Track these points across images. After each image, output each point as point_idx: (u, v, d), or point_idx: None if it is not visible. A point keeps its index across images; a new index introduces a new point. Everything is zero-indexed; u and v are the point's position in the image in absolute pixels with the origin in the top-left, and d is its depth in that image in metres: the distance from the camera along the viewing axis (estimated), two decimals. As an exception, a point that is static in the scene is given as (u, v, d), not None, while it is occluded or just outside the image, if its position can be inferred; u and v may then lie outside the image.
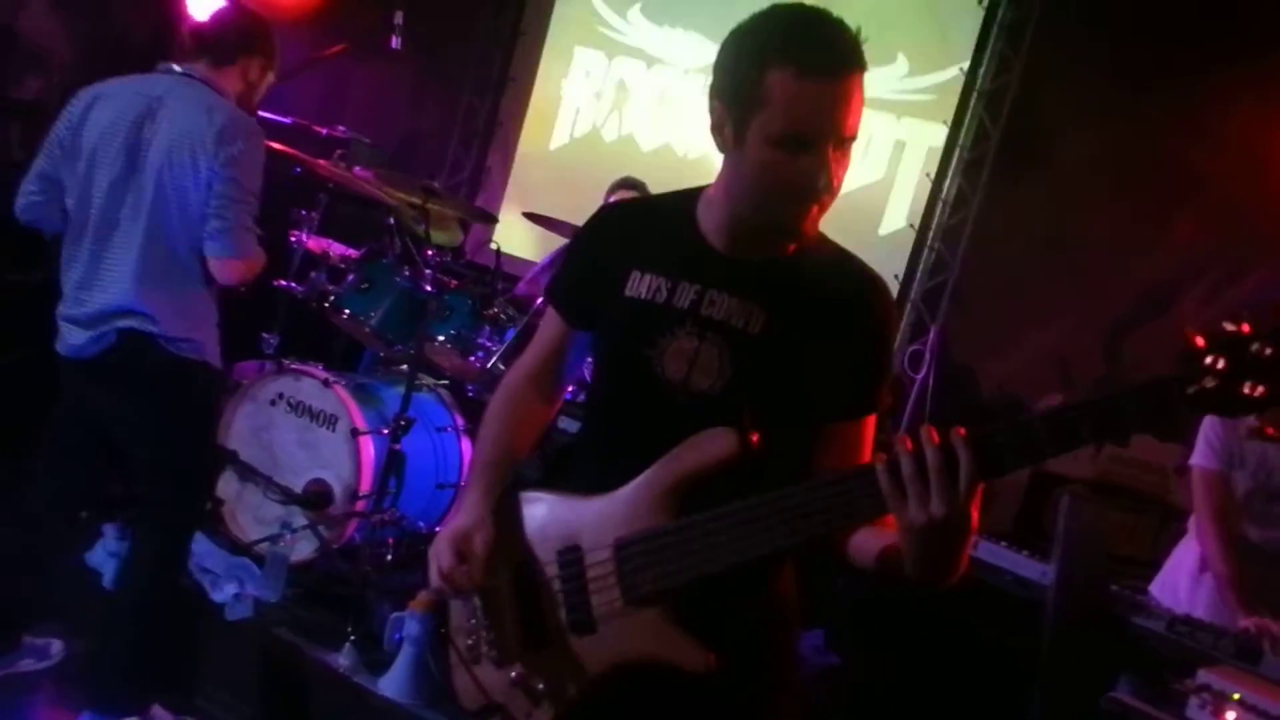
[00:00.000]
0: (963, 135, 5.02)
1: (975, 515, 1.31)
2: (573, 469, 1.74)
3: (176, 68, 2.77)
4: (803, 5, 1.49)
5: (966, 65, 5.03)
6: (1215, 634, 2.81)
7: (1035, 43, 4.87)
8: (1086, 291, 4.73)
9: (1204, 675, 2.33)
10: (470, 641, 1.64)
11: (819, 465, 1.57)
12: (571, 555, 1.56)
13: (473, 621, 1.64)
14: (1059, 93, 4.82)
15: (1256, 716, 2.24)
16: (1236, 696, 2.26)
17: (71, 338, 2.73)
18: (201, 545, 3.32)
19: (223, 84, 2.77)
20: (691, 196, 1.66)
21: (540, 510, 1.63)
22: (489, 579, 1.60)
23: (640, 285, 1.62)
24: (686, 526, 1.48)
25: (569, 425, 3.75)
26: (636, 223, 1.73)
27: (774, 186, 1.49)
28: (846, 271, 1.61)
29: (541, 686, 1.56)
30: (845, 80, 1.45)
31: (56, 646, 2.99)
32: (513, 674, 1.58)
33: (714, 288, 1.58)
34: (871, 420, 1.62)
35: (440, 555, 1.60)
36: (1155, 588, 3.24)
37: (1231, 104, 4.30)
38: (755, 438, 1.47)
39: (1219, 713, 2.26)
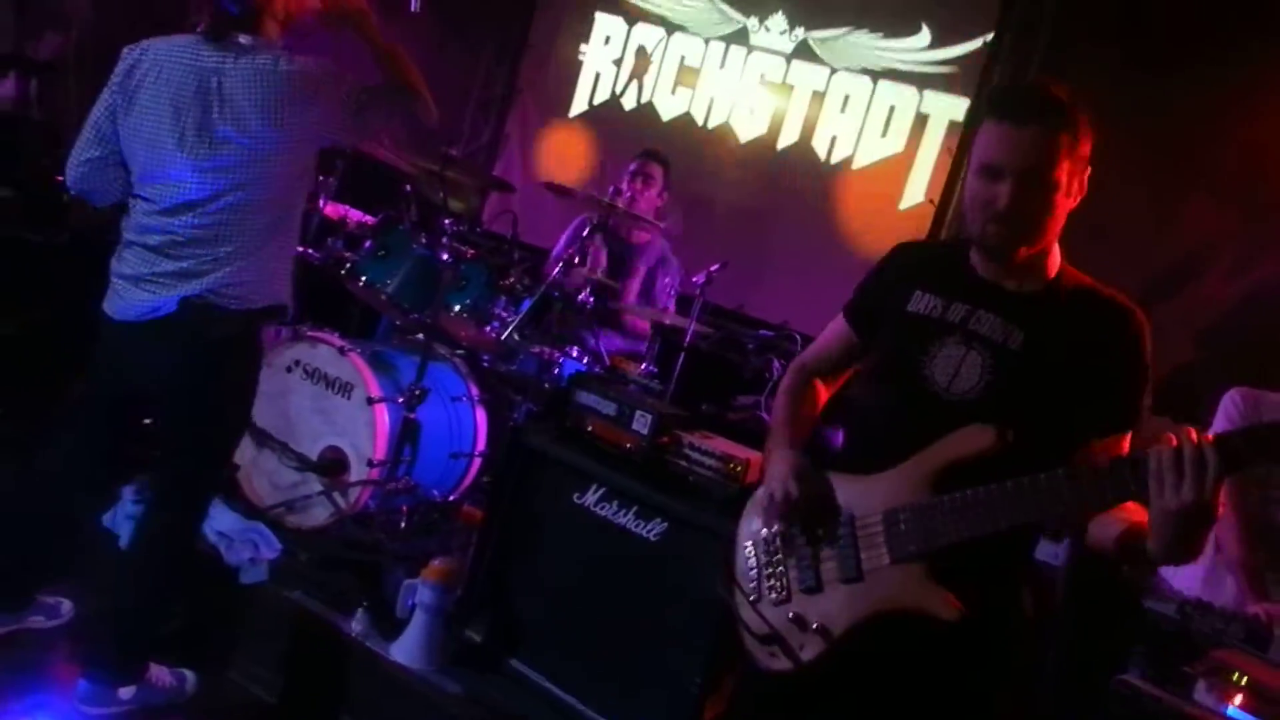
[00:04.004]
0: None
1: (1218, 505, 1.55)
2: (839, 457, 2.05)
3: (220, 38, 2.62)
4: None
5: (990, 38, 4.96)
6: (1225, 618, 2.81)
7: (1059, 16, 4.80)
8: (1105, 271, 4.68)
9: (1213, 659, 2.33)
10: (753, 584, 2.00)
11: None
12: (846, 520, 1.90)
13: (755, 568, 2.01)
14: (1081, 68, 4.73)
15: (1263, 701, 2.24)
16: (1244, 680, 2.26)
17: (126, 297, 2.62)
18: (216, 509, 3.34)
19: (267, 37, 2.65)
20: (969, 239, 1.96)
21: (821, 484, 1.97)
22: (790, 524, 1.96)
23: (920, 303, 1.95)
24: (947, 500, 1.77)
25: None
26: (923, 255, 2.10)
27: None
28: (1099, 301, 1.87)
29: (815, 625, 1.88)
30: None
31: (66, 606, 2.99)
32: (790, 613, 1.92)
33: (982, 308, 1.89)
34: (1128, 437, 1.86)
35: (789, 486, 1.94)
36: (1164, 569, 3.23)
37: (1250, 86, 4.24)
38: (1010, 436, 1.75)
39: (1227, 696, 2.26)
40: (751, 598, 2.00)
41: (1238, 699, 2.25)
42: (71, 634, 2.94)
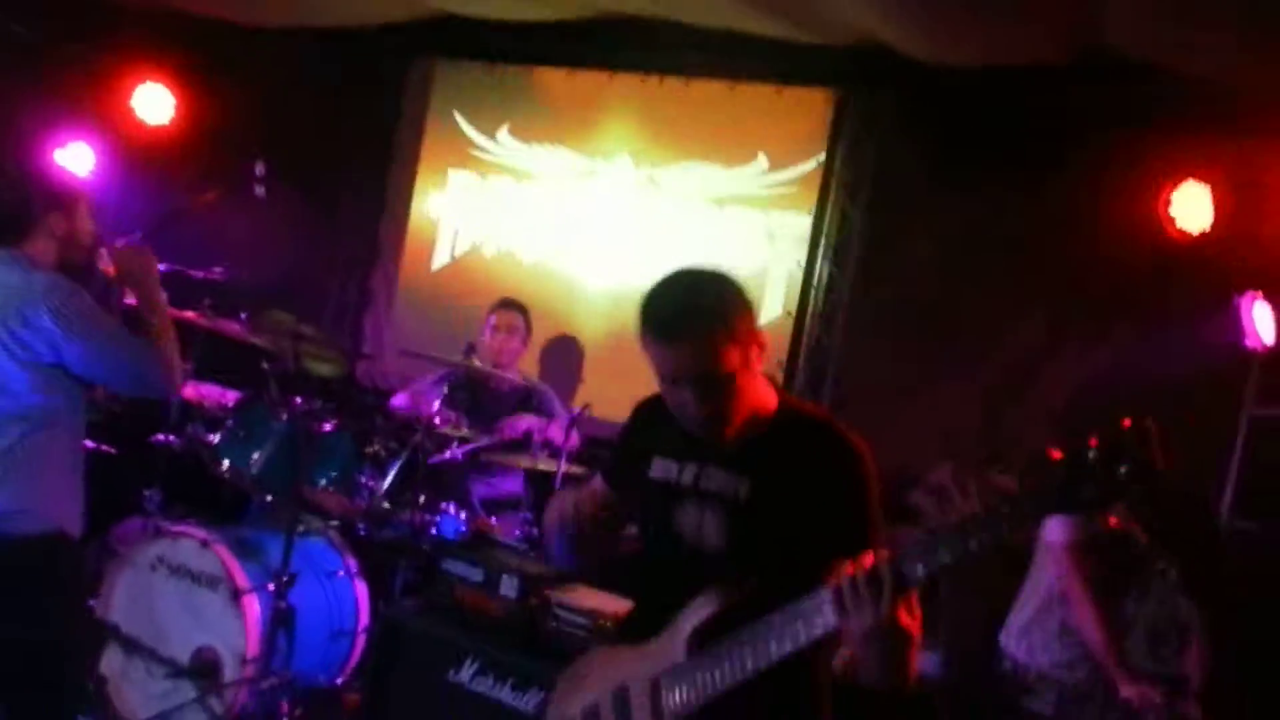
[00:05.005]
0: (826, 223, 5.20)
1: (907, 622, 1.65)
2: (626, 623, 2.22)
3: None
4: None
5: (823, 158, 5.21)
6: (1100, 706, 2.89)
7: (885, 131, 5.09)
8: (962, 364, 4.89)
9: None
10: None
11: None
12: (620, 693, 1.98)
13: None
14: (913, 175, 5.02)
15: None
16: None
17: None
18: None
19: (32, 253, 2.62)
20: None
21: (598, 661, 2.12)
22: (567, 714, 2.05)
23: (657, 469, 2.07)
24: (701, 659, 1.86)
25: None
26: (655, 416, 2.12)
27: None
28: (816, 434, 1.98)
29: None
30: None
31: None
32: None
33: (709, 464, 1.99)
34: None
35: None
36: (1006, 638, 3.25)
37: (1074, 175, 4.53)
38: (749, 584, 1.84)
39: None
40: None
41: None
42: None
